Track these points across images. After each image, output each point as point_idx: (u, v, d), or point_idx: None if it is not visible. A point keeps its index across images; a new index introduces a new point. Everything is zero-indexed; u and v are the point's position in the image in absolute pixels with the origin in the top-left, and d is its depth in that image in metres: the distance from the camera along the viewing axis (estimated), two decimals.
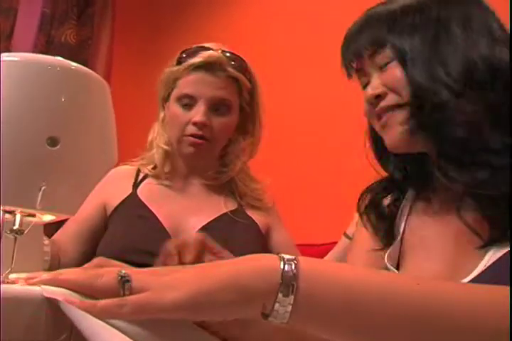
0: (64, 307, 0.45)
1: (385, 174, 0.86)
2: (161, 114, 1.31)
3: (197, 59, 1.21)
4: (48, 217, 0.55)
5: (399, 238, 0.81)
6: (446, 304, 0.49)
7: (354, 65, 0.83)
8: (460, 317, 0.48)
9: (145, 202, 1.23)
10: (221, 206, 1.27)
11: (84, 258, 1.17)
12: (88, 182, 0.55)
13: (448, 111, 0.71)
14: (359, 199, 0.87)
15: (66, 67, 0.54)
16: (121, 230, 1.19)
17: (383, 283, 0.50)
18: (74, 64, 0.55)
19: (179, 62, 1.24)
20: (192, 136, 1.21)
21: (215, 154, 1.29)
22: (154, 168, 1.30)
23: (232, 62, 1.23)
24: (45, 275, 0.48)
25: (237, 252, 0.66)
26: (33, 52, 2.65)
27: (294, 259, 0.49)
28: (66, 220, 1.21)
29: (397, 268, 0.80)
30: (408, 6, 0.78)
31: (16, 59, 0.54)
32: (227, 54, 1.23)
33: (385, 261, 0.80)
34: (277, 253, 0.50)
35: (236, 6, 2.99)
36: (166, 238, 1.02)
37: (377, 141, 0.85)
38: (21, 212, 0.54)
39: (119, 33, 3.27)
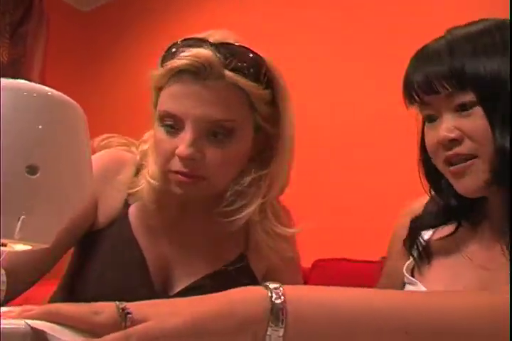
0: None
1: None
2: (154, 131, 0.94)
3: (180, 61, 0.83)
4: (22, 247, 0.53)
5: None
6: (439, 324, 0.51)
7: (421, 98, 0.79)
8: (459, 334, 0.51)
9: (135, 233, 0.94)
10: (221, 251, 0.97)
11: (31, 285, 0.92)
12: (66, 211, 0.53)
13: None
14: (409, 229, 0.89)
15: (43, 93, 0.53)
16: (99, 270, 0.92)
17: (370, 301, 0.53)
18: (49, 89, 0.55)
19: (162, 62, 0.88)
20: (178, 173, 0.86)
21: (218, 191, 0.91)
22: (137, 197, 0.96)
23: (233, 62, 0.83)
24: (40, 309, 0.47)
25: None
26: None
27: (280, 287, 0.51)
28: None
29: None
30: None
31: None
32: (225, 51, 0.84)
33: (404, 271, 0.85)
34: (262, 284, 0.53)
35: (177, 27, 3.01)
36: (149, 292, 0.89)
37: (430, 169, 0.84)
38: None
39: (53, 52, 3.23)
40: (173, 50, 0.86)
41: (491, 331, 0.52)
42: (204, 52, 0.82)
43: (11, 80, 0.54)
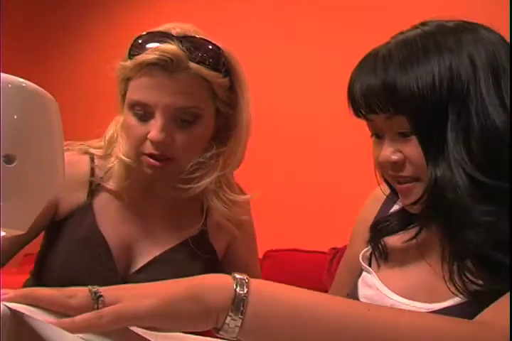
0: (32, 323, 0.46)
1: None
2: (121, 118, 1.05)
3: (147, 56, 0.93)
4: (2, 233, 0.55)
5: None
6: (394, 331, 0.54)
7: (364, 115, 0.77)
8: None
9: (99, 222, 1.03)
10: (183, 227, 1.07)
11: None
12: (42, 198, 0.55)
13: (463, 208, 0.68)
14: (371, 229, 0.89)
15: (17, 83, 0.55)
16: (62, 256, 1.01)
17: (332, 307, 0.55)
18: (22, 80, 0.56)
19: (130, 55, 0.97)
20: (150, 156, 0.97)
21: (183, 170, 1.03)
22: (108, 174, 1.06)
23: (196, 55, 0.94)
24: (16, 292, 0.49)
25: None
26: None
27: (246, 278, 0.54)
28: None
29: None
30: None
31: None
32: (191, 42, 0.95)
33: (360, 259, 0.87)
34: (230, 273, 0.56)
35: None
36: (111, 271, 1.00)
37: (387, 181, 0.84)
38: None
39: (8, 34, 3.18)
40: (140, 41, 0.96)
41: None
42: (171, 47, 0.92)
43: None
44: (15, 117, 0.53)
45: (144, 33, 0.96)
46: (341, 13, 2.53)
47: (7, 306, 0.48)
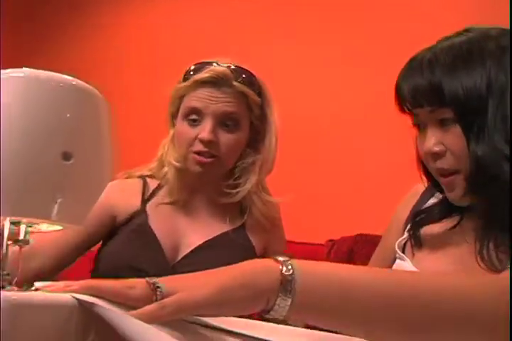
0: (102, 313, 0.49)
1: None
2: (171, 132, 1.28)
3: (203, 74, 1.19)
4: (54, 227, 0.57)
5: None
6: (436, 293, 0.57)
7: (409, 109, 0.86)
8: (452, 306, 0.57)
9: (150, 220, 1.21)
10: (224, 224, 1.26)
11: (58, 264, 1.17)
12: (96, 194, 0.57)
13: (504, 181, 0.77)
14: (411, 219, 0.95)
15: (67, 82, 0.57)
16: (117, 246, 1.19)
17: (375, 277, 0.58)
18: (71, 78, 0.58)
19: (185, 78, 1.23)
20: (198, 153, 1.19)
21: (225, 171, 1.25)
22: (159, 184, 1.28)
23: (239, 77, 1.21)
24: (80, 284, 0.51)
25: None
26: None
27: (289, 260, 0.57)
28: None
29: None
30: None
31: (20, 75, 0.55)
32: (234, 68, 1.22)
33: (396, 247, 0.92)
34: (273, 257, 0.58)
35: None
36: (160, 257, 1.17)
37: (427, 170, 0.90)
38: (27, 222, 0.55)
39: (7, 33, 3.17)
40: (191, 69, 1.23)
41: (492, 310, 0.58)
42: (221, 68, 1.20)
43: (33, 71, 0.57)
44: (68, 116, 0.55)
45: (195, 63, 1.24)
46: (342, 13, 2.55)
47: (75, 297, 0.50)
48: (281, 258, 0.57)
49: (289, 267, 0.56)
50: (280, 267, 0.56)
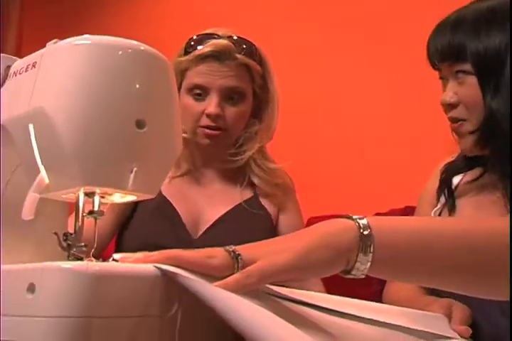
0: (187, 283, 0.47)
1: None
2: None
3: (205, 49, 1.18)
4: (127, 198, 0.56)
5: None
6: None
7: (435, 63, 0.96)
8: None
9: (166, 196, 1.22)
10: (236, 195, 1.28)
11: (102, 242, 1.17)
12: (169, 162, 0.56)
13: None
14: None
15: (136, 48, 0.54)
16: (141, 224, 1.21)
17: (442, 224, 0.61)
18: (138, 43, 0.56)
19: (186, 52, 1.22)
20: (207, 127, 1.20)
21: (232, 141, 1.27)
22: None
23: (241, 48, 1.21)
24: (160, 254, 0.50)
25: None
26: None
27: (364, 218, 0.57)
28: None
29: None
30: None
31: (87, 42, 0.53)
32: (235, 39, 1.21)
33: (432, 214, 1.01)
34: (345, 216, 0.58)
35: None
36: (183, 232, 1.19)
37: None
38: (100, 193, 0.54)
39: (29, 21, 3.17)
40: (193, 41, 1.21)
41: None
42: (223, 42, 1.18)
43: (98, 37, 0.55)
44: (139, 82, 0.54)
45: (195, 35, 1.23)
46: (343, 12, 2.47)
47: (157, 267, 0.49)
48: (354, 216, 0.57)
49: (365, 223, 0.55)
50: (356, 224, 0.55)
